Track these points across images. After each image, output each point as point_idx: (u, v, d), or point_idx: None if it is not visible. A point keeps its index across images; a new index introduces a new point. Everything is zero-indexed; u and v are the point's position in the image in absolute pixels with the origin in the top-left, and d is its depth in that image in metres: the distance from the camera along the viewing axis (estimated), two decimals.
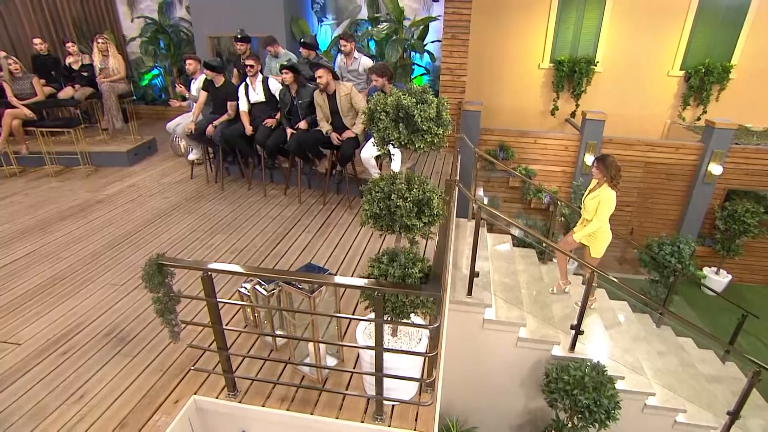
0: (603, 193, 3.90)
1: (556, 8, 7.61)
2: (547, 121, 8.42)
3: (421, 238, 2.13)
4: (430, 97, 1.94)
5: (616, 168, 3.83)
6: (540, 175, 7.34)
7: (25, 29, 7.30)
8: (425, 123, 1.88)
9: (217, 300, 2.13)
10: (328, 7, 7.87)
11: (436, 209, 2.06)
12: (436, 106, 1.94)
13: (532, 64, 8.08)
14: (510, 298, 4.24)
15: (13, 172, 5.88)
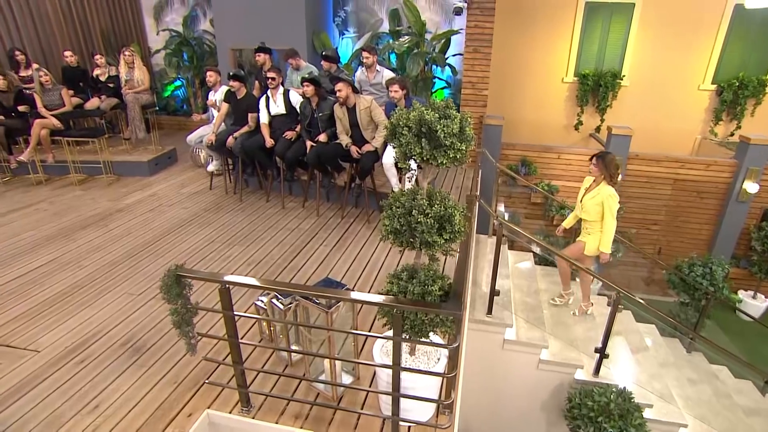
0: (604, 191, 3.83)
1: (581, 21, 7.60)
2: (570, 136, 8.34)
3: (442, 254, 2.12)
4: (453, 112, 1.95)
5: (615, 166, 3.80)
6: (563, 192, 7.25)
7: (57, 42, 7.63)
8: (448, 138, 1.88)
9: (234, 313, 2.14)
10: (350, 21, 8.02)
11: (458, 226, 2.05)
12: (460, 121, 1.94)
13: (556, 77, 8.05)
14: (531, 318, 4.16)
15: (39, 180, 6.09)
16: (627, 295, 3.52)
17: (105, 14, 8.49)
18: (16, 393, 2.56)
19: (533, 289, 4.70)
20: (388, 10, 7.73)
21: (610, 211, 3.83)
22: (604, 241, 3.95)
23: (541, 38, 7.80)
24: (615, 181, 3.83)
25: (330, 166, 4.96)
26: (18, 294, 3.52)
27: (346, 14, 7.98)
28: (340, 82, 4.39)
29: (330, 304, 2.34)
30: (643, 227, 7.31)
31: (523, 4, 7.60)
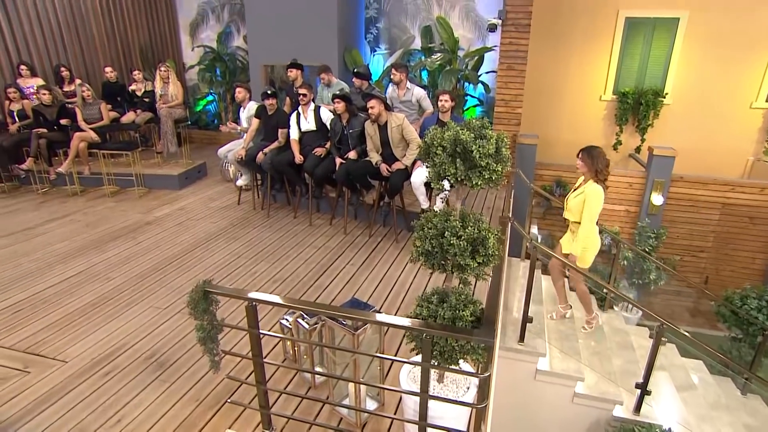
0: (589, 188, 3.56)
1: (621, 37, 7.50)
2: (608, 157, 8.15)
3: (475, 278, 2.09)
4: (489, 132, 1.94)
5: (605, 161, 3.54)
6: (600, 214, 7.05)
7: (99, 58, 8.08)
8: (484, 159, 1.87)
9: (259, 332, 2.16)
10: (382, 37, 8.17)
11: (492, 249, 2.02)
12: (496, 141, 1.93)
13: (593, 95, 7.94)
14: (566, 348, 4.02)
15: (75, 192, 6.37)
16: (671, 327, 3.37)
17: (144, 32, 8.96)
18: (44, 402, 2.64)
19: (568, 317, 4.56)
20: (420, 26, 7.85)
21: (589, 211, 3.54)
22: (575, 244, 3.69)
23: (578, 55, 7.74)
24: (603, 177, 3.55)
25: (359, 183, 5.00)
26: (51, 303, 3.66)
27: (378, 31, 8.14)
28: (373, 99, 4.46)
29: (356, 325, 2.33)
30: (688, 254, 7.02)
31: (559, 21, 7.59)
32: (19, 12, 6.81)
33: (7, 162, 6.30)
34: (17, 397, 2.67)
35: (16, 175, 6.52)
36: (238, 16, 9.01)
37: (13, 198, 6.21)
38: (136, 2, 8.70)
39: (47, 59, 7.29)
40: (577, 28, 7.59)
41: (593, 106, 7.99)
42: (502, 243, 2.34)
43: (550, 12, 7.51)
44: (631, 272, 6.38)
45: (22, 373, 2.87)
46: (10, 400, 2.65)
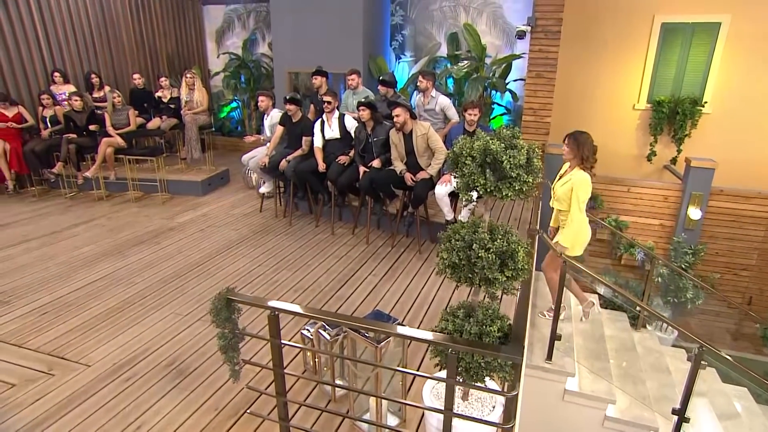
0: (576, 176, 3.48)
1: (657, 44, 7.36)
2: (642, 168, 7.98)
3: (503, 293, 2.06)
4: (520, 142, 1.93)
5: (591, 147, 3.46)
6: (633, 228, 6.90)
7: (128, 65, 8.39)
8: (514, 170, 1.85)
9: (281, 342, 2.17)
10: (407, 45, 8.23)
11: (521, 263, 1.99)
12: (527, 151, 1.91)
13: (626, 104, 7.79)
14: (596, 368, 3.91)
15: (100, 196, 6.58)
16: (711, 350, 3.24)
17: (171, 39, 9.25)
18: (67, 406, 2.71)
19: (598, 335, 4.44)
20: (446, 34, 7.88)
21: (577, 201, 3.46)
22: (565, 233, 3.57)
23: (610, 63, 7.62)
24: (588, 165, 3.46)
25: (382, 192, 5.02)
26: (75, 306, 3.77)
27: (403, 38, 8.21)
28: (399, 107, 4.48)
29: (379, 338, 2.32)
30: (729, 272, 6.77)
31: (591, 28, 7.51)
32: (54, 21, 7.13)
33: (39, 166, 6.56)
34: (42, 399, 2.75)
35: (46, 179, 6.78)
36: (264, 23, 9.22)
37: (43, 201, 6.45)
38: (165, 10, 9.01)
39: (79, 66, 7.60)
40: (609, 35, 7.49)
41: (626, 115, 7.84)
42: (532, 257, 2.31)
43: (582, 19, 7.43)
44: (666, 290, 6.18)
45: (46, 376, 2.95)
46: (35, 402, 2.73)
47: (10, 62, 6.63)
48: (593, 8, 7.43)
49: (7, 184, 6.51)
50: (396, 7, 8.09)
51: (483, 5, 7.64)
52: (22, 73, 6.82)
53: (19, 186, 6.68)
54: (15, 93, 6.68)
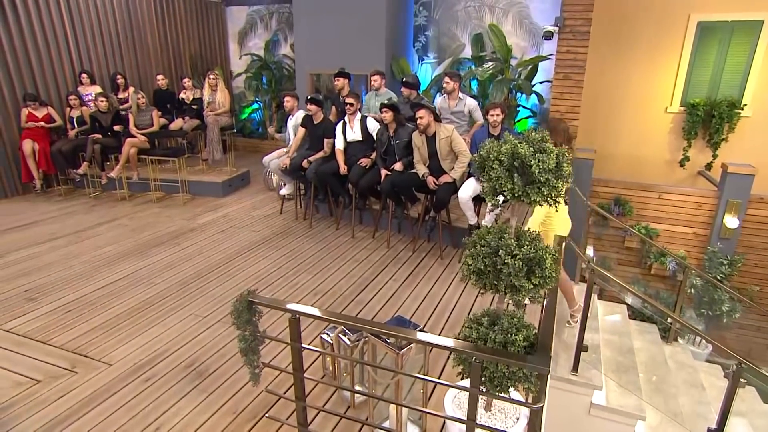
0: None
1: (692, 44, 7.17)
2: (674, 174, 7.79)
3: (529, 301, 2.03)
4: (549, 146, 1.90)
5: (564, 134, 3.50)
6: (664, 236, 6.74)
7: (152, 66, 8.61)
8: (543, 175, 1.83)
9: (301, 345, 2.19)
10: (430, 46, 8.23)
11: (549, 270, 1.96)
12: (557, 156, 1.89)
13: (658, 107, 7.63)
14: (625, 382, 3.83)
15: (123, 196, 6.76)
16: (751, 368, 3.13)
17: (195, 41, 9.46)
18: (89, 404, 2.78)
19: (627, 348, 4.34)
20: (471, 35, 7.86)
21: None
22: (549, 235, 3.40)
23: (641, 64, 7.48)
24: None
25: (404, 196, 5.02)
26: (98, 305, 3.87)
27: (426, 39, 8.21)
28: (422, 109, 4.48)
29: (401, 344, 2.32)
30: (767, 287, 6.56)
31: (622, 28, 7.38)
32: (83, 23, 7.37)
33: (65, 166, 6.77)
34: (65, 396, 2.83)
35: (72, 179, 7.00)
36: (286, 24, 9.35)
37: (68, 201, 6.65)
38: (189, 12, 9.22)
39: (105, 68, 7.83)
40: (642, 35, 7.35)
41: (658, 118, 7.68)
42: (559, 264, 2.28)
43: (612, 19, 7.32)
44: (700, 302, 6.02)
45: (70, 373, 3.04)
46: (59, 399, 2.81)
47: (41, 64, 6.88)
48: (625, 8, 7.31)
49: (35, 183, 6.74)
50: (419, 8, 8.11)
51: (509, 5, 7.60)
52: (52, 74, 7.06)
53: (46, 185, 6.91)
54: (44, 94, 6.92)
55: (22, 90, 6.65)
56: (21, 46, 6.60)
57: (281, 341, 2.35)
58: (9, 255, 4.84)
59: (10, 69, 6.51)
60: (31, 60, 6.75)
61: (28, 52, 6.69)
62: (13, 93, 6.60)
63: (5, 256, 4.82)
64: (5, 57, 6.44)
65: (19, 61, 6.60)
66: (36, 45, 6.78)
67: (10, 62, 6.49)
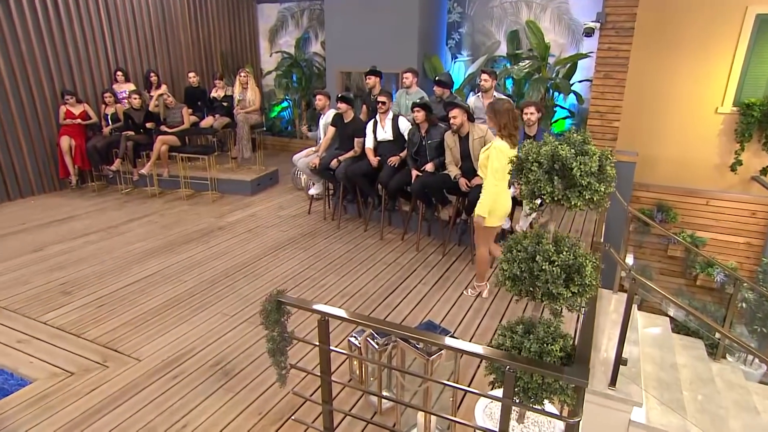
0: (494, 144, 3.64)
1: (749, 39, 6.87)
2: (724, 179, 7.49)
3: (567, 310, 2.00)
4: (591, 148, 1.87)
5: (509, 115, 3.60)
6: (712, 246, 6.51)
7: (184, 64, 8.88)
8: (585, 178, 1.79)
9: (330, 348, 2.21)
10: (464, 43, 8.18)
11: (589, 278, 1.93)
12: (599, 158, 1.85)
13: (707, 107, 7.35)
14: (667, 399, 3.70)
15: (153, 193, 6.98)
16: None
17: (226, 38, 9.69)
18: (119, 399, 2.88)
19: (669, 363, 4.20)
20: (506, 31, 7.77)
21: (492, 168, 3.61)
22: (481, 201, 3.74)
23: (689, 61, 7.22)
24: (506, 133, 3.60)
25: (435, 198, 5.00)
26: (129, 301, 4.01)
27: (460, 36, 8.17)
28: (456, 108, 4.46)
29: (431, 350, 2.31)
30: None
31: (670, 23, 7.14)
32: (120, 22, 7.67)
33: (99, 162, 7.05)
34: (96, 389, 2.94)
35: (105, 175, 7.27)
36: (317, 22, 9.47)
37: (101, 197, 6.91)
38: (221, 10, 9.46)
39: (139, 65, 8.11)
40: (690, 30, 7.10)
41: (707, 119, 7.40)
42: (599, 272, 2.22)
43: (658, 13, 7.10)
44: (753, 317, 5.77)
45: (101, 367, 3.15)
46: (91, 392, 2.92)
47: (79, 62, 7.19)
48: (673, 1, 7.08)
49: (71, 179, 7.03)
50: (453, 4, 8.07)
51: (547, 1, 7.48)
52: (89, 71, 7.36)
53: (81, 181, 7.21)
54: (81, 91, 7.23)
55: (61, 87, 6.95)
56: (61, 44, 6.90)
57: (309, 343, 2.38)
58: (47, 248, 5.07)
59: (51, 67, 6.82)
60: (70, 58, 7.06)
61: (67, 50, 7.00)
62: (53, 90, 6.92)
63: (44, 249, 5.05)
64: (47, 55, 6.75)
65: (59, 59, 6.92)
66: (75, 43, 7.08)
67: (51, 60, 6.81)
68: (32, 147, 6.79)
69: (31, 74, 6.62)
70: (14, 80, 6.45)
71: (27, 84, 6.61)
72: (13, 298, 4.03)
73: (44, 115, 6.87)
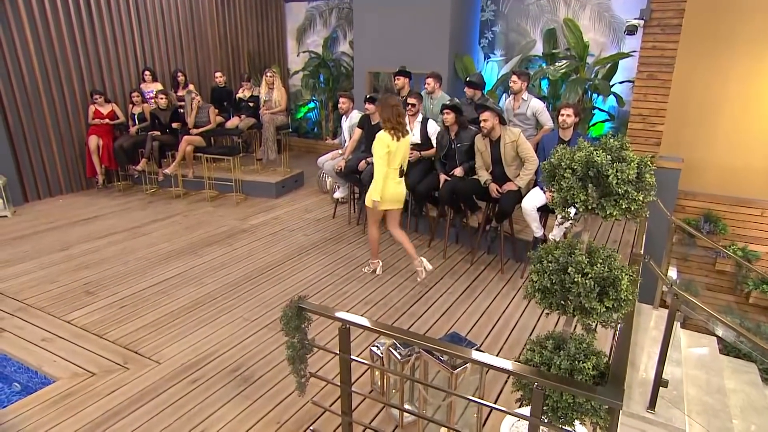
0: (378, 134, 4.21)
1: None
2: None
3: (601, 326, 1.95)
4: (629, 155, 1.82)
5: (394, 112, 4.12)
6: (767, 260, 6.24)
7: (211, 63, 9.11)
8: (622, 186, 1.75)
9: (351, 357, 2.22)
10: (497, 42, 8.12)
11: (625, 293, 1.88)
12: (638, 166, 1.81)
13: (763, 110, 7.08)
14: (715, 428, 3.57)
15: (178, 194, 7.17)
16: None
17: (253, 37, 9.91)
18: (138, 401, 2.96)
19: (716, 387, 4.05)
20: (543, 30, 7.68)
21: (376, 155, 4.17)
22: (371, 187, 4.28)
23: (744, 60, 6.96)
24: (389, 126, 4.14)
25: (464, 203, 4.97)
26: (150, 302, 4.13)
27: (493, 35, 8.11)
28: (487, 111, 4.43)
29: (455, 363, 2.30)
30: None
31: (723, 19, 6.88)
32: (149, 21, 7.95)
33: (126, 162, 7.29)
34: (117, 391, 3.04)
35: (130, 175, 7.51)
36: (346, 21, 9.57)
37: (126, 197, 7.15)
38: (248, 8, 9.68)
39: (167, 64, 8.37)
40: (746, 27, 6.84)
41: (762, 123, 7.12)
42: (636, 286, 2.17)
43: (708, 9, 6.87)
44: None
45: (122, 368, 3.26)
46: (111, 393, 3.02)
47: (109, 61, 7.47)
48: None
49: (98, 178, 7.30)
50: (487, 2, 8.03)
51: None
52: (118, 71, 7.64)
53: (107, 180, 7.47)
54: (110, 90, 7.51)
55: (90, 86, 7.23)
56: (92, 43, 7.19)
57: (330, 351, 2.40)
58: (73, 248, 5.27)
59: (81, 66, 7.11)
60: (100, 57, 7.34)
61: (98, 50, 7.29)
62: (83, 89, 7.21)
63: (70, 248, 5.25)
64: (78, 54, 7.04)
65: (89, 59, 7.21)
66: (105, 42, 7.37)
67: (82, 60, 7.09)
68: (62, 146, 7.08)
69: (63, 74, 6.91)
70: (47, 80, 6.75)
71: (59, 83, 6.90)
72: (41, 296, 4.21)
73: (74, 114, 7.15)
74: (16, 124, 6.54)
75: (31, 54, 6.53)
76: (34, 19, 6.49)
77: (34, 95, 6.65)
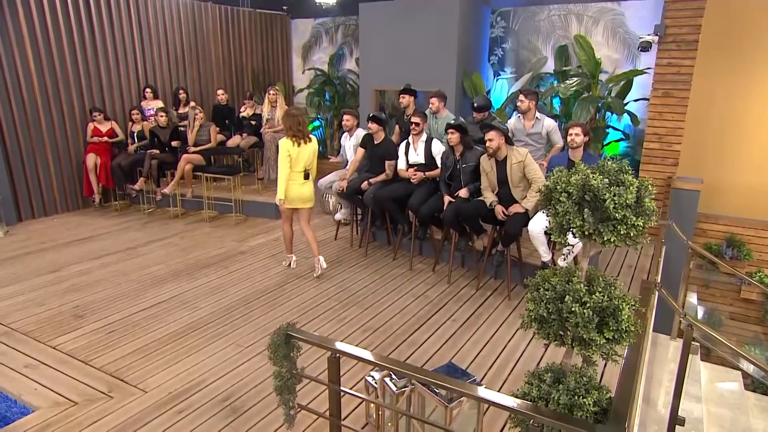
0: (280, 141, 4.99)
1: None
2: None
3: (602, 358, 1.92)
4: (628, 178, 1.82)
5: (296, 121, 4.85)
6: None
7: (213, 81, 9.30)
8: (619, 211, 1.75)
9: (340, 388, 2.20)
10: (507, 59, 8.20)
11: (626, 324, 1.85)
12: (637, 189, 1.80)
13: None
14: None
15: (176, 214, 7.25)
16: None
17: (258, 55, 10.11)
18: None
19: (742, 427, 3.94)
20: (554, 47, 7.74)
21: (279, 159, 4.93)
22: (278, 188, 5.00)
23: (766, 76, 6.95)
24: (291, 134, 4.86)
25: (469, 226, 4.96)
26: (140, 327, 4.13)
27: (503, 52, 8.20)
28: (492, 130, 4.45)
29: (451, 397, 2.27)
30: None
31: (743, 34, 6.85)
32: (151, 38, 8.17)
33: (123, 181, 7.40)
34: (99, 421, 3.02)
35: (128, 194, 7.62)
36: (352, 38, 9.74)
37: (123, 216, 7.24)
38: (253, 25, 9.90)
39: (168, 82, 8.56)
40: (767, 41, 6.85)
41: None
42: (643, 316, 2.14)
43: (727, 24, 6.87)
44: None
45: (106, 397, 3.24)
46: (93, 424, 3.00)
47: (110, 79, 7.66)
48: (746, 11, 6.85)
49: (95, 197, 7.41)
50: (496, 18, 8.14)
51: (600, 13, 7.43)
52: (119, 88, 7.83)
53: (104, 200, 7.58)
54: (110, 108, 7.68)
55: (91, 104, 7.40)
56: (93, 61, 7.39)
57: (319, 381, 2.38)
58: (63, 269, 5.32)
59: (82, 84, 7.30)
60: (101, 75, 7.54)
61: (99, 67, 7.49)
62: (83, 107, 7.38)
63: (60, 270, 5.30)
64: (78, 72, 7.23)
65: (90, 77, 7.39)
66: (107, 60, 7.57)
67: (83, 77, 7.28)
68: (59, 165, 7.22)
69: (63, 92, 7.09)
70: (46, 97, 6.92)
71: (58, 101, 7.07)
72: (27, 320, 4.23)
73: (72, 132, 7.30)
74: (13, 141, 6.69)
75: (31, 71, 6.71)
76: (35, 36, 6.69)
77: (32, 112, 6.81)
